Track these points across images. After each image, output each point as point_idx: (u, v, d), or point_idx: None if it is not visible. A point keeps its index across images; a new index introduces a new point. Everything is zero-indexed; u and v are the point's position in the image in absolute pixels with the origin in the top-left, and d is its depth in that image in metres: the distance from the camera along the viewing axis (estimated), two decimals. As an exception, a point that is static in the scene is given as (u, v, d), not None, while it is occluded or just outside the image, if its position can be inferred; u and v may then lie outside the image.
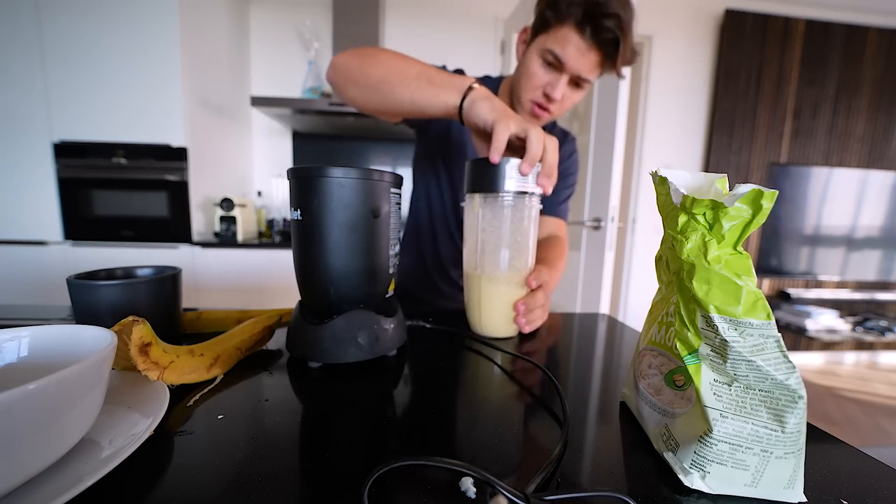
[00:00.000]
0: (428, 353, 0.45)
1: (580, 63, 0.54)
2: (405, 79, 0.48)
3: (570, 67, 0.55)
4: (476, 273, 0.47)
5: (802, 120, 2.36)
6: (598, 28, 0.51)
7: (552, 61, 0.56)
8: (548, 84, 0.58)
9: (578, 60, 0.54)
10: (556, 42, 0.54)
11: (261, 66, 2.09)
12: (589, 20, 0.51)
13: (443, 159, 0.74)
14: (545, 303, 0.50)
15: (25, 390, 0.18)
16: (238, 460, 0.25)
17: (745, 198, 0.22)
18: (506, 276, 0.46)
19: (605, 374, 0.41)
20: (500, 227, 0.44)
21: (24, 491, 0.19)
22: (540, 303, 0.49)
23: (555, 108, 0.61)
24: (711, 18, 2.28)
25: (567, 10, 0.52)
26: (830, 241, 2.51)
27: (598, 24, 0.51)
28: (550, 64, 0.56)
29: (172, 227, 1.60)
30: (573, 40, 0.53)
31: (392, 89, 0.49)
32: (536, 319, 0.49)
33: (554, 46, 0.55)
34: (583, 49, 0.53)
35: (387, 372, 0.39)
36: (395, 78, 0.49)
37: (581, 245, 1.39)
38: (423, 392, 0.36)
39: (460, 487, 0.22)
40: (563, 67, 0.55)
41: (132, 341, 0.29)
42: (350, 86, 0.52)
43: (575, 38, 0.53)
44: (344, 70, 0.53)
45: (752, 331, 0.22)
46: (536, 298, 0.48)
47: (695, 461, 0.23)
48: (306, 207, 0.37)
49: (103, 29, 1.48)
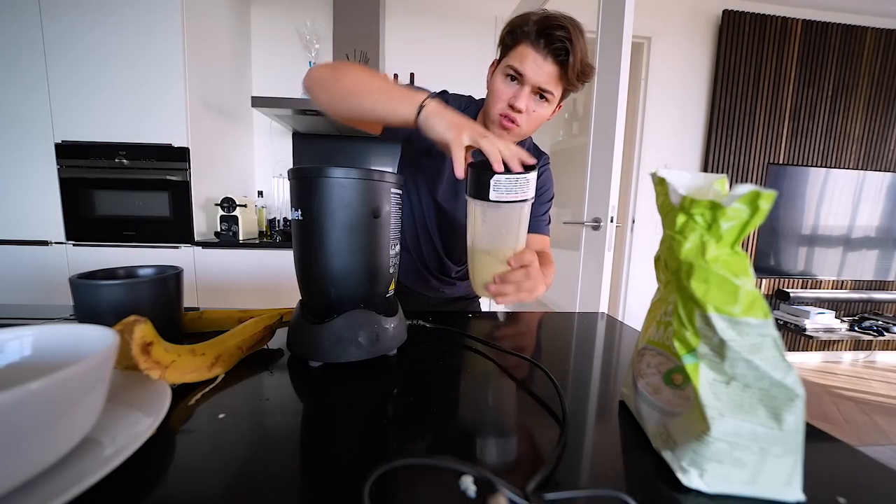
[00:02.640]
0: (428, 352, 0.45)
1: (538, 74, 0.61)
2: (369, 90, 0.55)
3: (530, 78, 0.61)
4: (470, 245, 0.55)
5: (800, 120, 2.36)
6: (550, 39, 0.58)
7: (514, 75, 0.63)
8: (512, 96, 0.64)
9: (536, 71, 0.61)
10: (515, 59, 0.62)
11: (262, 66, 2.09)
12: (541, 34, 0.59)
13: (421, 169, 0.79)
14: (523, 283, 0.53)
15: (28, 389, 0.18)
16: (239, 459, 0.25)
17: (743, 199, 0.22)
18: (491, 250, 0.53)
19: (604, 374, 0.42)
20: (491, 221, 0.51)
21: (27, 489, 0.19)
22: (516, 279, 0.53)
23: (523, 121, 0.66)
24: (710, 19, 2.28)
25: (522, 33, 0.61)
26: (828, 240, 2.51)
27: (549, 35, 0.58)
28: (513, 78, 0.63)
29: (174, 228, 1.60)
30: (530, 54, 0.60)
31: (357, 98, 0.56)
32: (508, 294, 0.53)
33: (514, 62, 0.62)
34: (539, 61, 0.60)
35: (387, 371, 0.39)
36: (360, 89, 0.56)
37: (580, 245, 1.39)
38: (423, 391, 0.36)
39: (460, 486, 0.22)
40: (523, 80, 0.62)
41: (134, 341, 0.29)
42: (322, 93, 0.59)
43: (531, 52, 0.60)
44: (317, 79, 0.60)
45: (750, 330, 0.22)
46: (513, 275, 0.53)
47: (693, 460, 0.24)
48: (307, 207, 0.38)
49: (105, 30, 1.48)
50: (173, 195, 1.58)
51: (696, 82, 2.32)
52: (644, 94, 2.29)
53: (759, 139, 2.35)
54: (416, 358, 0.43)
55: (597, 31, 1.30)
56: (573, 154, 2.34)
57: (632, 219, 2.39)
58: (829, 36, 2.30)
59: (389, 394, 0.35)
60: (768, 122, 2.34)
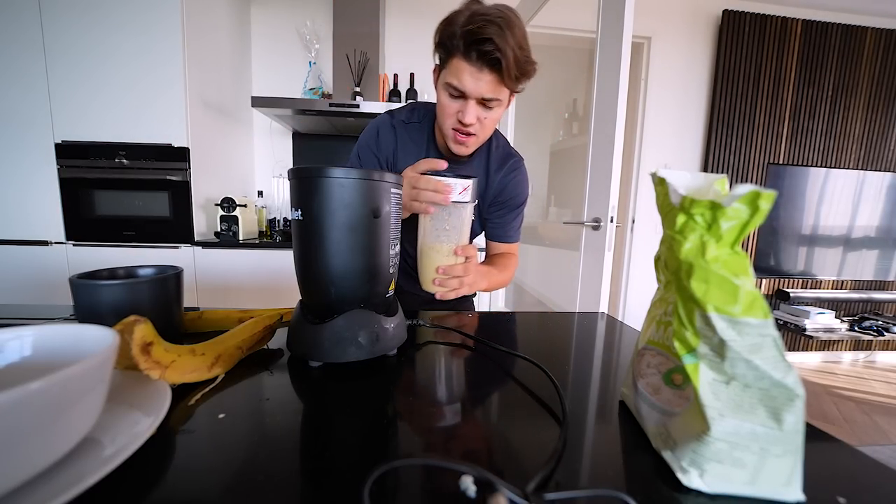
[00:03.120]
0: (428, 352, 0.45)
1: (478, 86, 0.60)
2: None
3: (471, 92, 0.60)
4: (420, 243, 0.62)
5: (800, 120, 2.36)
6: (481, 52, 0.57)
7: (454, 93, 0.62)
8: (458, 112, 0.63)
9: (475, 84, 0.59)
10: (452, 75, 0.60)
11: (262, 66, 2.09)
12: (470, 47, 0.57)
13: None
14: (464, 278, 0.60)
15: (28, 389, 0.18)
16: (239, 459, 0.25)
17: (743, 199, 0.22)
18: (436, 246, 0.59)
19: (604, 374, 0.42)
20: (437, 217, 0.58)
21: (27, 489, 0.19)
22: (457, 273, 0.59)
23: (476, 131, 0.66)
24: (710, 19, 2.28)
25: (452, 45, 0.59)
26: (828, 240, 2.51)
27: (479, 49, 0.56)
28: (455, 95, 0.62)
29: (174, 228, 1.60)
30: (464, 68, 0.59)
31: None
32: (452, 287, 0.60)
33: (451, 79, 0.61)
34: (475, 73, 0.59)
35: (387, 371, 0.39)
36: None
37: (580, 245, 1.39)
38: (423, 391, 0.36)
39: (460, 486, 0.22)
40: (465, 95, 0.61)
41: (134, 341, 0.29)
42: None
43: (465, 65, 0.59)
44: None
45: (750, 330, 0.22)
46: (455, 268, 0.59)
47: (693, 460, 0.24)
48: (307, 207, 0.38)
49: (105, 30, 1.48)
50: (173, 195, 1.58)
51: (696, 82, 2.32)
52: (644, 94, 2.29)
53: (759, 139, 2.35)
54: (415, 358, 0.43)
55: (597, 31, 1.30)
56: (573, 154, 2.35)
57: (632, 219, 2.39)
58: (829, 36, 2.30)
59: (389, 394, 0.35)
60: (768, 122, 2.34)
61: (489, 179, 0.79)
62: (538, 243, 2.28)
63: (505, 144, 0.83)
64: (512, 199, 0.82)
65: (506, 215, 0.83)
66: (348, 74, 1.85)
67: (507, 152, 0.82)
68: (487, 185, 0.80)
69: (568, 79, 2.96)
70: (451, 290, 0.60)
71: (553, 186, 3.07)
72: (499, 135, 0.82)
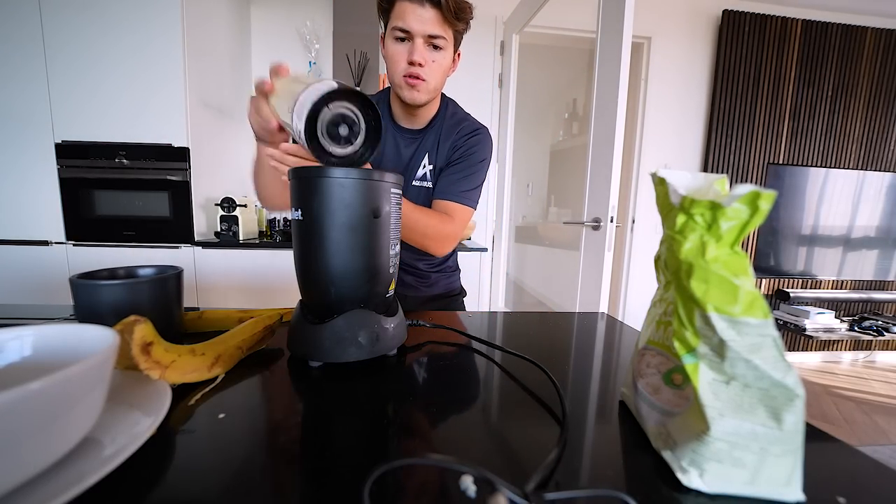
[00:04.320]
0: (428, 352, 0.45)
1: (422, 23, 0.63)
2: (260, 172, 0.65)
3: (416, 30, 0.64)
4: None
5: (800, 120, 2.36)
6: None
7: (401, 35, 0.65)
8: (408, 55, 0.66)
9: (419, 21, 0.63)
10: (397, 17, 0.65)
11: (262, 66, 2.09)
12: None
13: None
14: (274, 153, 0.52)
15: (28, 389, 0.18)
16: (239, 459, 0.25)
17: (743, 199, 0.22)
18: None
19: (604, 374, 0.42)
20: None
21: (27, 489, 0.19)
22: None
23: (427, 73, 0.67)
24: (709, 19, 2.28)
25: None
26: (828, 240, 2.51)
27: None
28: (402, 40, 0.66)
29: (174, 227, 1.60)
30: (407, 7, 0.63)
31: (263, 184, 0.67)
32: None
33: (397, 22, 0.65)
34: (418, 10, 0.63)
35: (387, 371, 0.39)
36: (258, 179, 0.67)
37: (580, 245, 1.39)
38: (423, 391, 0.36)
39: (460, 486, 0.22)
40: (412, 34, 0.64)
41: (134, 341, 0.29)
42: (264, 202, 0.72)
43: (407, 5, 0.63)
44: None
45: (750, 330, 0.22)
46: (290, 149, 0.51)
47: (693, 460, 0.24)
48: (307, 207, 0.38)
49: (105, 30, 1.48)
50: (173, 195, 1.58)
51: (696, 82, 2.32)
52: (644, 94, 2.29)
53: (759, 139, 2.34)
54: (416, 358, 0.43)
55: (597, 31, 1.30)
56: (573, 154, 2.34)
57: (632, 219, 2.39)
58: (829, 36, 2.30)
59: (389, 394, 0.35)
60: (768, 122, 2.34)
61: (440, 146, 0.78)
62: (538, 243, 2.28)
63: (464, 116, 0.81)
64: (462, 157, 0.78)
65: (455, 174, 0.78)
66: (348, 74, 1.85)
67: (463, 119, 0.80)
68: (439, 150, 0.78)
69: (568, 79, 2.96)
70: None
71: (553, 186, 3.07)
72: (455, 105, 0.82)
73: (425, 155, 0.79)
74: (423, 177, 0.79)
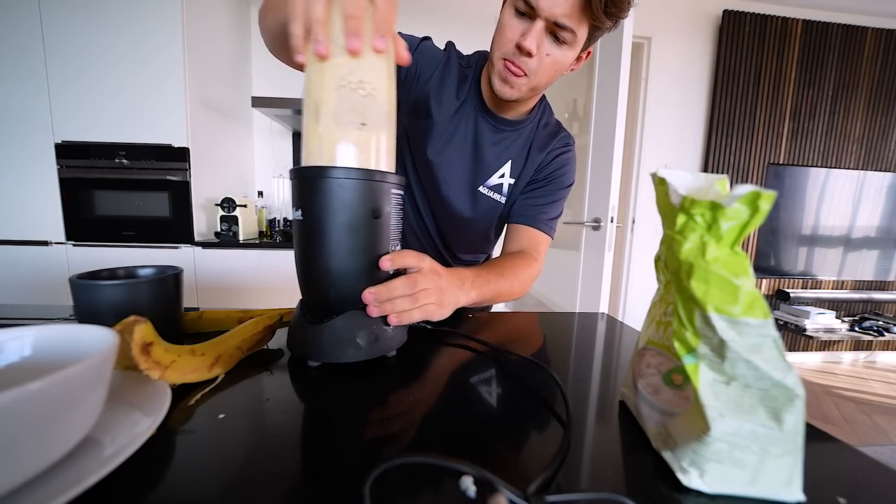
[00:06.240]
0: (428, 353, 0.45)
1: (554, 2, 0.48)
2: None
3: (543, 9, 0.48)
4: None
5: (800, 120, 2.36)
6: None
7: (524, 9, 0.50)
8: (521, 35, 0.51)
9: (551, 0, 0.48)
10: None
11: (262, 66, 2.09)
12: None
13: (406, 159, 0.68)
14: (415, 294, 0.41)
15: (28, 390, 0.18)
16: (239, 459, 0.25)
17: (743, 199, 0.22)
18: None
19: (604, 374, 0.42)
20: None
21: (27, 490, 0.19)
22: (399, 293, 0.40)
23: (532, 67, 0.53)
24: (710, 19, 2.28)
25: None
26: (828, 241, 2.51)
27: None
28: (522, 13, 0.51)
29: (174, 228, 1.60)
30: None
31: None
32: (402, 312, 0.41)
33: None
34: None
35: (387, 372, 0.39)
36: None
37: (580, 245, 1.39)
38: (423, 392, 0.36)
39: (460, 486, 0.22)
40: (535, 13, 0.49)
41: (134, 341, 0.29)
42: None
43: None
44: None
45: (750, 330, 0.22)
46: (393, 287, 0.40)
47: (693, 460, 0.24)
48: (308, 207, 0.38)
49: (105, 30, 1.48)
50: (173, 195, 1.58)
51: (696, 82, 2.32)
52: (644, 95, 2.29)
53: (759, 139, 2.34)
54: (415, 359, 0.43)
55: (597, 31, 1.30)
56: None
57: (632, 219, 2.39)
58: (829, 36, 2.30)
59: (389, 394, 0.35)
60: (768, 122, 2.34)
61: (529, 158, 0.66)
62: (538, 243, 2.27)
63: (556, 124, 0.70)
64: (551, 178, 0.67)
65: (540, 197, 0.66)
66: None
67: (557, 130, 0.69)
68: (527, 163, 0.66)
69: (568, 79, 2.96)
70: (399, 312, 0.41)
71: (553, 186, 3.06)
72: (550, 112, 0.70)
73: (508, 162, 0.65)
74: (497, 187, 0.66)
